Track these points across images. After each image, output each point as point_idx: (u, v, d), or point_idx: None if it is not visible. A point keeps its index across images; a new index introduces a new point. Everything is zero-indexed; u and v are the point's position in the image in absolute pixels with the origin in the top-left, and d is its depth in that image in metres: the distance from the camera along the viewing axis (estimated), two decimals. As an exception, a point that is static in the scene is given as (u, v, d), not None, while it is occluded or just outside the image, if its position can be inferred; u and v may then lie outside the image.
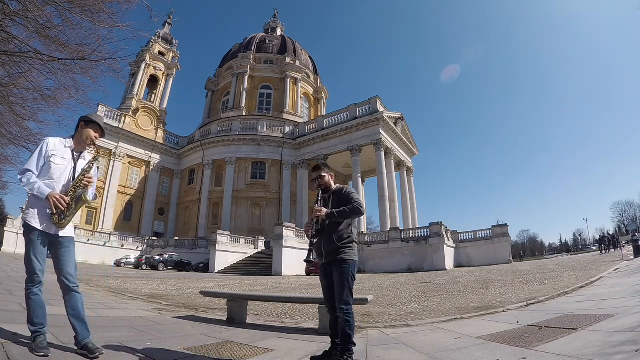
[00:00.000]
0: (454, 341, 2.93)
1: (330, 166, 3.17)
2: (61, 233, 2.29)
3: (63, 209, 2.21)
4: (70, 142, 2.40)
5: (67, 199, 2.23)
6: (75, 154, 2.39)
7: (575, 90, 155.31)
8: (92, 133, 2.42)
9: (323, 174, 2.72)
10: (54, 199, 2.17)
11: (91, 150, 2.47)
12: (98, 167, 2.57)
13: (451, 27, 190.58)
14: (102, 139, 2.65)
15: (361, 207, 2.52)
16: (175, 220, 40.28)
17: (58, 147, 2.33)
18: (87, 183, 2.32)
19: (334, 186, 2.75)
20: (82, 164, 2.41)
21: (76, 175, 2.34)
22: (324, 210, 2.52)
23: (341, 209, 2.50)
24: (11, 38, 5.98)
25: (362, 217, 32.71)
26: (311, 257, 2.56)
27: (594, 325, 3.08)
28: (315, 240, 2.55)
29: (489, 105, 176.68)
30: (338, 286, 2.45)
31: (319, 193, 2.69)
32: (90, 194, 2.39)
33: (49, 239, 2.27)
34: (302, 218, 33.07)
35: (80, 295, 2.31)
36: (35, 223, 2.21)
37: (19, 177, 2.23)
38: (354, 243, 2.56)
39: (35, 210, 2.23)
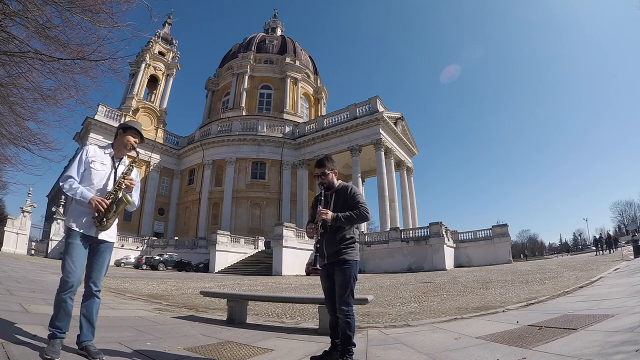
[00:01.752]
0: (454, 341, 2.93)
1: (334, 161, 3.06)
2: (102, 237, 2.32)
3: (103, 210, 2.24)
4: (110, 149, 2.47)
5: (108, 201, 2.27)
6: (115, 160, 2.45)
7: (575, 90, 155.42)
8: (132, 139, 2.47)
9: (327, 172, 2.59)
10: (96, 202, 2.22)
11: (132, 156, 2.52)
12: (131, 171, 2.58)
13: (451, 27, 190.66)
14: (104, 140, 2.68)
15: (368, 213, 2.46)
16: (175, 220, 40.27)
17: (98, 154, 2.40)
18: (128, 184, 2.36)
19: (336, 183, 2.64)
20: (122, 169, 2.45)
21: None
22: (330, 213, 2.42)
23: (348, 214, 2.42)
24: (11, 38, 5.97)
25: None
26: (317, 265, 2.48)
27: (594, 325, 3.08)
28: (318, 242, 2.49)
29: (488, 104, 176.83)
30: (340, 287, 2.41)
31: (321, 191, 2.59)
32: (134, 197, 2.45)
33: (90, 243, 2.31)
34: (302, 218, 33.06)
35: (99, 301, 2.35)
36: (76, 226, 2.26)
37: (61, 183, 2.28)
38: (356, 243, 2.53)
39: (76, 214, 2.29)
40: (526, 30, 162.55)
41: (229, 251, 25.66)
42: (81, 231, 2.26)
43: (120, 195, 2.33)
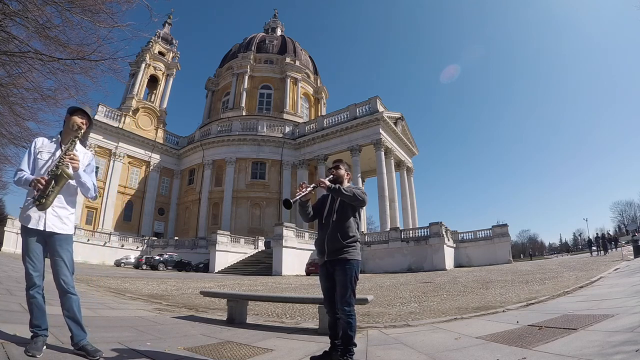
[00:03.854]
0: (454, 341, 2.93)
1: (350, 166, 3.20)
2: (50, 229, 2.23)
3: (42, 187, 2.17)
4: (58, 137, 2.42)
5: (46, 177, 2.20)
6: (62, 146, 2.37)
7: (576, 90, 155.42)
8: (78, 120, 2.40)
9: (340, 166, 2.68)
10: (35, 181, 2.16)
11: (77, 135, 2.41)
12: (98, 168, 2.55)
13: (451, 27, 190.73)
14: (104, 140, 2.63)
15: (364, 195, 2.49)
16: (175, 220, 40.28)
17: (45, 144, 2.36)
18: (68, 161, 2.25)
19: (345, 184, 2.66)
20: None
21: None
22: (327, 182, 2.47)
23: (347, 188, 2.46)
24: (11, 38, 5.98)
25: (362, 217, 32.83)
26: (292, 200, 2.33)
27: (594, 325, 3.08)
28: (304, 194, 2.41)
29: (488, 104, 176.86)
30: (341, 287, 2.40)
31: (328, 178, 2.61)
32: (85, 179, 2.35)
33: (44, 238, 2.25)
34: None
35: (76, 297, 2.28)
36: (27, 222, 2.22)
37: (13, 179, 2.27)
38: (358, 242, 2.53)
39: (26, 208, 2.25)
40: (526, 30, 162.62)
41: (229, 251, 25.66)
42: (30, 226, 2.21)
43: (57, 172, 2.23)
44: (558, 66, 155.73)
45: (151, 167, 39.60)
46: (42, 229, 2.22)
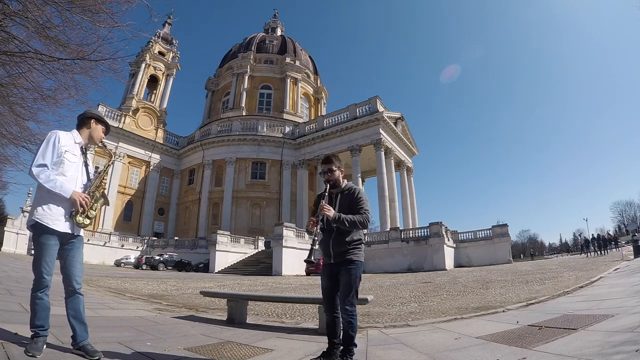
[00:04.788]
0: (454, 341, 2.93)
1: (341, 160, 2.93)
2: (77, 232, 2.27)
3: (87, 208, 2.19)
4: (79, 138, 2.33)
5: (91, 199, 2.24)
6: (83, 149, 2.37)
7: (575, 90, 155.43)
8: (102, 134, 2.44)
9: (334, 168, 2.54)
10: (80, 198, 2.13)
11: (100, 147, 2.55)
12: (97, 168, 2.60)
13: (451, 27, 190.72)
14: (104, 140, 2.66)
15: (369, 221, 2.46)
16: (175, 220, 40.28)
17: (69, 143, 2.25)
18: (104, 185, 2.40)
19: (343, 184, 2.60)
20: (89, 161, 2.42)
21: (89, 173, 2.36)
22: (333, 211, 2.38)
23: (351, 218, 2.37)
24: (11, 38, 5.98)
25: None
26: (312, 258, 2.42)
27: (594, 325, 3.08)
28: (318, 239, 2.43)
29: (488, 104, 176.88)
30: (345, 287, 2.40)
31: (326, 188, 2.54)
32: None
33: (61, 240, 2.22)
34: (302, 218, 33.07)
35: (82, 297, 2.29)
36: (53, 224, 2.13)
37: (36, 171, 2.07)
38: (362, 244, 2.52)
39: (51, 208, 2.13)
40: (526, 30, 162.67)
41: (229, 251, 25.66)
42: (60, 230, 2.15)
43: (99, 194, 2.30)
44: (558, 66, 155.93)
45: (151, 167, 39.59)
46: (71, 232, 2.23)
